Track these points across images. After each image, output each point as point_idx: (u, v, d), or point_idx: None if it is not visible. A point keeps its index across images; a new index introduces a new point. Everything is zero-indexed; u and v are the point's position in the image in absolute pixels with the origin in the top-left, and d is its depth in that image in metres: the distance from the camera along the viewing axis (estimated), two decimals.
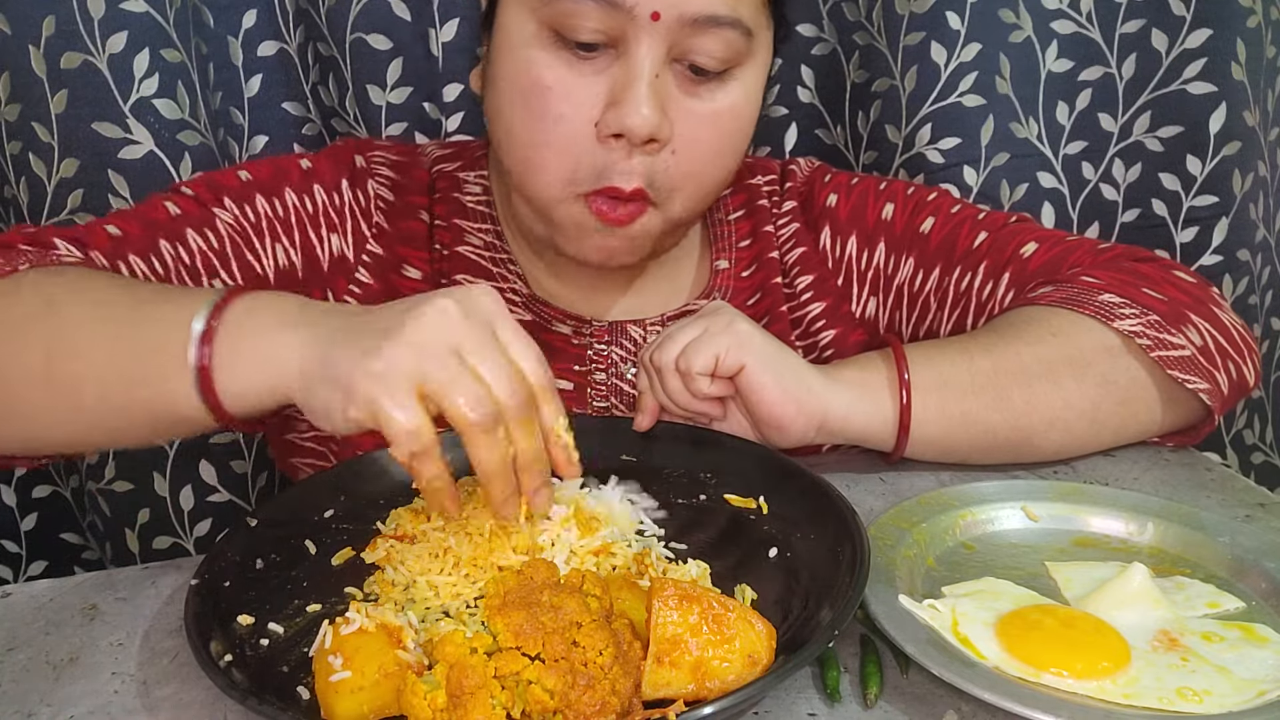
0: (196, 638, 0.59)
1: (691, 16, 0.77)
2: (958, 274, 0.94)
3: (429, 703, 0.51)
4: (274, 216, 0.89)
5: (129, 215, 0.85)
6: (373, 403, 0.58)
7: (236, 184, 0.89)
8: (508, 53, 0.81)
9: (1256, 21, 1.19)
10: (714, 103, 0.81)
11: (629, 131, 0.78)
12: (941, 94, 1.18)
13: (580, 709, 0.51)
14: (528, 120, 0.81)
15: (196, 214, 0.86)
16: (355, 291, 0.92)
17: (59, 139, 1.06)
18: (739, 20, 0.78)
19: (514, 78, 0.81)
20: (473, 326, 0.60)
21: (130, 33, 1.05)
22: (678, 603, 0.55)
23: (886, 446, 0.83)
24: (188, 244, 0.85)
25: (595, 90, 0.79)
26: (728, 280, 0.97)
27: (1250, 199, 1.25)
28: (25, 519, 1.25)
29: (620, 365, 0.93)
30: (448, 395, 0.58)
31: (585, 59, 0.79)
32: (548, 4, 0.77)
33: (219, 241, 0.86)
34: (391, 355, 0.58)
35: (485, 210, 0.95)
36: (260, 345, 0.63)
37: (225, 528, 0.68)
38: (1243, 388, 0.87)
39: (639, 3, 0.76)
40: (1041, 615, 0.63)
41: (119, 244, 0.83)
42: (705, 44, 0.78)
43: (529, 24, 0.79)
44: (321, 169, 0.92)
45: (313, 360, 0.61)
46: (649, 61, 0.77)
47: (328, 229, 0.91)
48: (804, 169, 1.02)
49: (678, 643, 0.54)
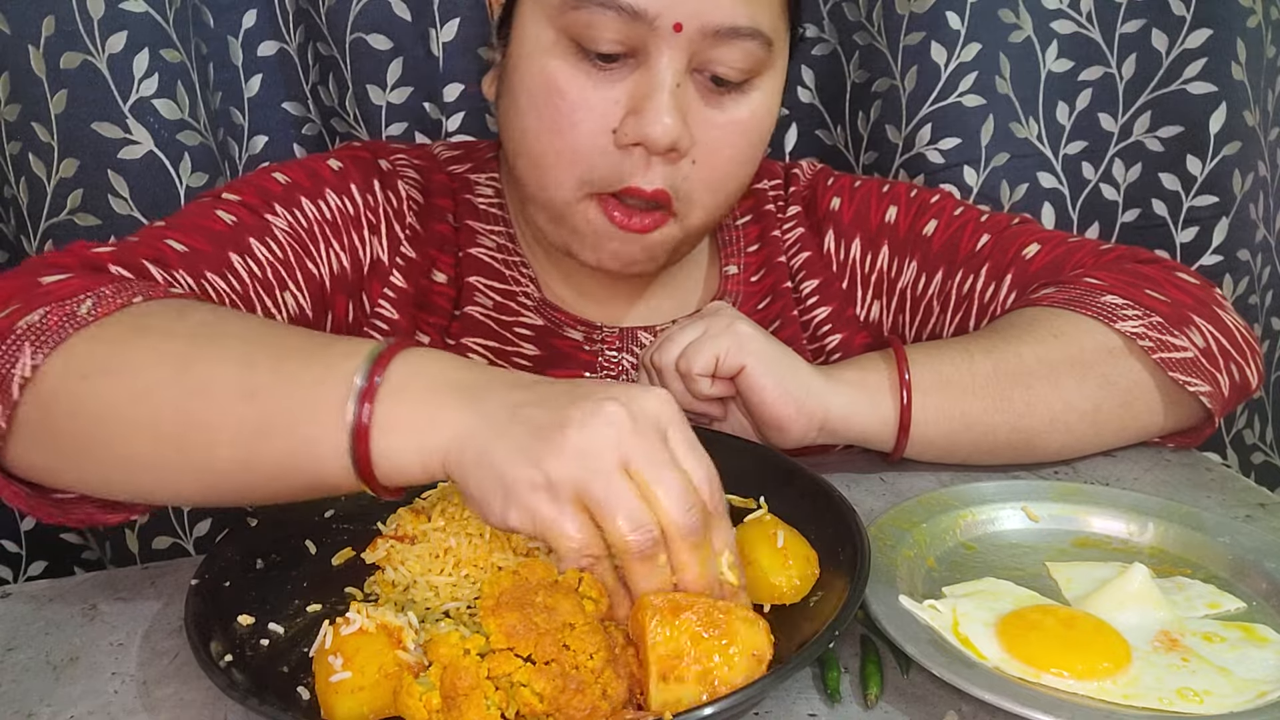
0: (196, 638, 0.59)
1: (714, 28, 0.76)
2: (960, 277, 0.94)
3: (424, 703, 0.51)
4: (322, 219, 0.86)
5: (187, 229, 0.79)
6: (534, 514, 0.53)
7: (279, 189, 0.85)
8: (525, 60, 0.80)
9: (1256, 21, 1.19)
10: (735, 112, 0.81)
11: (649, 141, 0.77)
12: (941, 94, 1.18)
13: (570, 712, 0.51)
14: (542, 127, 0.80)
15: (253, 223, 0.82)
16: (390, 295, 0.90)
17: (58, 139, 1.06)
18: (759, 31, 0.78)
19: (531, 86, 0.80)
20: (643, 438, 0.54)
21: (130, 33, 1.05)
22: (669, 615, 0.53)
23: (887, 447, 0.83)
24: (255, 255, 0.81)
25: (614, 98, 0.78)
26: (738, 285, 0.97)
27: (1250, 199, 1.25)
28: (25, 519, 1.25)
29: (631, 372, 0.93)
30: (609, 516, 0.53)
31: (604, 69, 0.78)
32: (566, 13, 0.76)
33: (281, 250, 0.83)
34: (554, 467, 0.53)
35: (497, 212, 0.95)
36: (420, 412, 0.57)
37: (225, 528, 0.67)
38: (1245, 390, 0.87)
39: (661, 14, 0.75)
40: (1042, 615, 0.63)
41: (193, 262, 0.77)
42: (726, 55, 0.77)
43: (547, 32, 0.78)
44: (352, 172, 0.90)
45: (471, 448, 0.55)
46: (671, 72, 0.76)
47: (369, 230, 0.89)
48: (807, 172, 1.02)
49: (680, 656, 0.53)
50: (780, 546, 0.64)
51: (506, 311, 0.92)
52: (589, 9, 0.75)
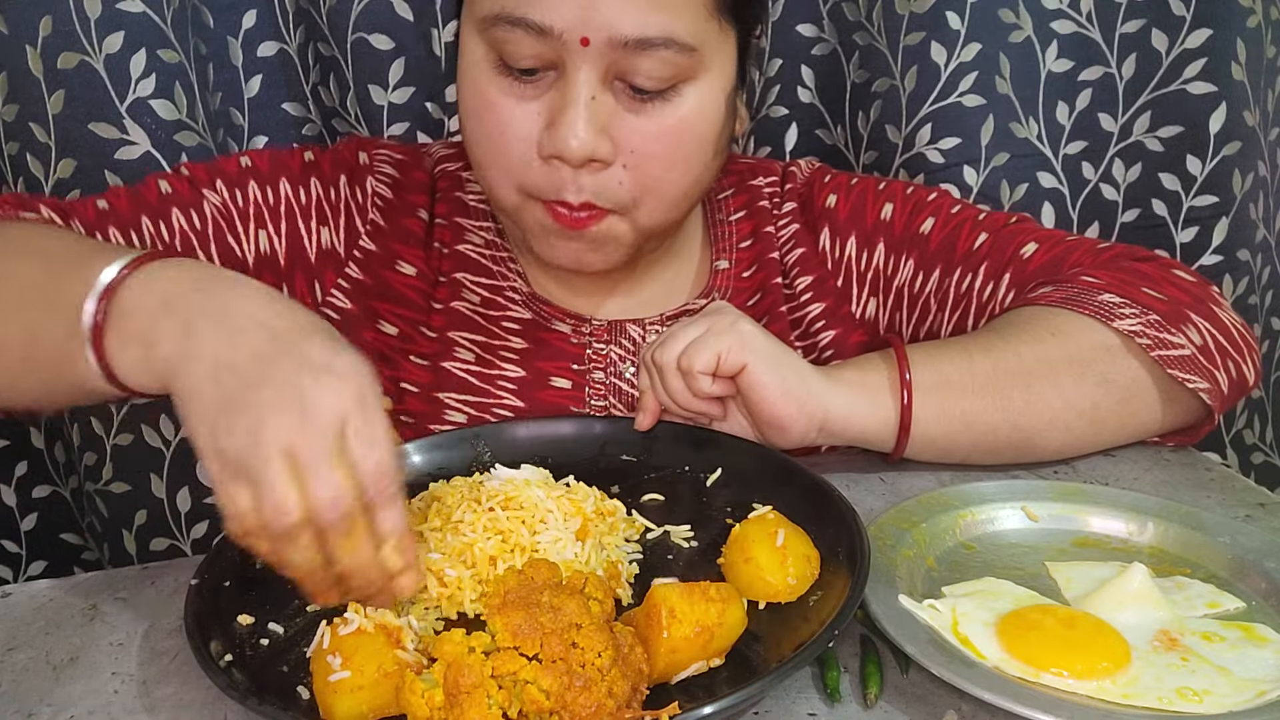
0: (196, 638, 0.59)
1: (622, 40, 0.76)
2: (958, 275, 0.94)
3: (426, 701, 0.51)
4: (263, 204, 0.91)
5: (122, 191, 0.89)
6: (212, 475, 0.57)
7: (234, 169, 0.91)
8: (463, 73, 0.83)
9: (1256, 21, 1.19)
10: (662, 120, 0.81)
11: (563, 155, 0.79)
12: (941, 94, 1.18)
13: (576, 710, 0.51)
14: (478, 136, 0.83)
15: (186, 194, 0.89)
16: (344, 285, 0.93)
17: (56, 139, 1.06)
18: (673, 39, 0.77)
19: (467, 97, 0.83)
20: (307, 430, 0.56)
21: (126, 33, 1.05)
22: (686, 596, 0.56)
23: (887, 447, 0.83)
24: (170, 222, 0.88)
25: (535, 110, 0.80)
26: (728, 280, 0.97)
27: (1250, 199, 1.25)
28: (25, 519, 1.25)
29: (619, 364, 0.94)
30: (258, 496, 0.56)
31: (527, 83, 0.80)
32: (488, 30, 0.79)
33: (202, 223, 0.89)
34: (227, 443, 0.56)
35: (486, 209, 0.96)
36: (145, 329, 0.62)
37: (222, 530, 0.67)
38: (1243, 387, 0.87)
39: (567, 29, 0.76)
40: (1041, 615, 0.63)
41: (102, 217, 0.86)
42: (643, 65, 0.78)
43: (478, 47, 0.81)
44: (322, 164, 0.94)
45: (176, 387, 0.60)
46: (584, 86, 0.78)
47: (318, 222, 0.93)
48: (804, 170, 1.02)
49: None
50: (779, 545, 0.64)
51: (494, 306, 0.94)
52: (503, 27, 0.78)
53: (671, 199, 0.85)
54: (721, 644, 0.57)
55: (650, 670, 0.55)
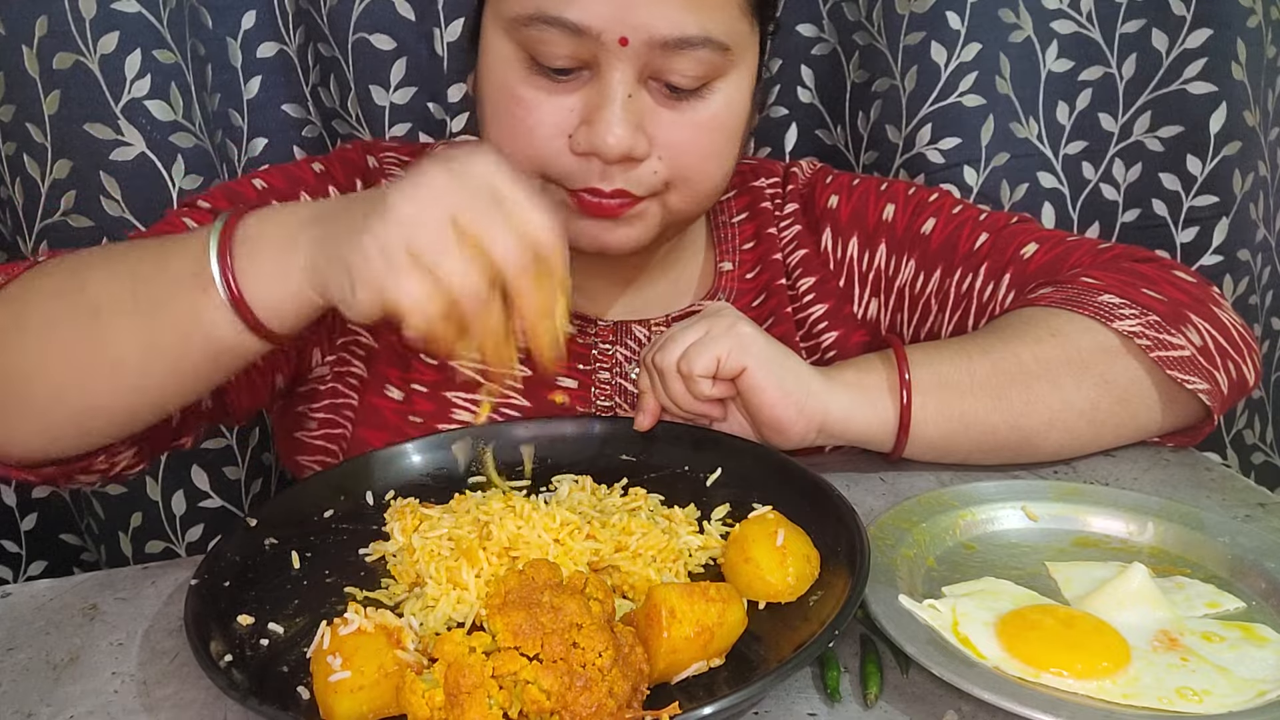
0: (196, 638, 0.59)
1: (660, 40, 0.76)
2: (959, 276, 0.94)
3: (427, 700, 0.51)
4: None
5: (148, 234, 0.85)
6: (374, 283, 0.58)
7: (253, 193, 0.89)
8: (488, 72, 0.83)
9: (1256, 21, 1.19)
10: (695, 115, 0.81)
11: (601, 151, 0.78)
12: (941, 94, 1.18)
13: (576, 710, 0.51)
14: (503, 133, 0.82)
15: None
16: None
17: (52, 140, 1.06)
18: (710, 38, 0.78)
19: (493, 95, 0.83)
20: (468, 193, 0.59)
21: (121, 33, 1.05)
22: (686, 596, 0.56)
23: (886, 448, 0.83)
24: None
25: (569, 105, 0.80)
26: (731, 282, 0.97)
27: (1250, 199, 1.25)
28: (25, 519, 1.25)
29: (625, 365, 0.94)
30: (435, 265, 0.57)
31: (560, 81, 0.79)
32: (519, 30, 0.78)
33: None
34: (383, 232, 0.58)
35: None
36: (274, 243, 0.64)
37: (217, 533, 0.67)
38: (1243, 387, 0.87)
39: (606, 29, 0.76)
40: (1041, 615, 0.63)
41: None
42: (678, 64, 0.78)
43: (506, 45, 0.80)
44: (334, 171, 0.93)
45: (322, 254, 0.62)
46: (622, 84, 0.78)
47: None
48: (806, 171, 1.02)
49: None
50: (779, 545, 0.64)
51: None
52: (538, 26, 0.77)
53: (705, 191, 0.85)
54: (722, 644, 0.57)
55: (651, 670, 0.55)
